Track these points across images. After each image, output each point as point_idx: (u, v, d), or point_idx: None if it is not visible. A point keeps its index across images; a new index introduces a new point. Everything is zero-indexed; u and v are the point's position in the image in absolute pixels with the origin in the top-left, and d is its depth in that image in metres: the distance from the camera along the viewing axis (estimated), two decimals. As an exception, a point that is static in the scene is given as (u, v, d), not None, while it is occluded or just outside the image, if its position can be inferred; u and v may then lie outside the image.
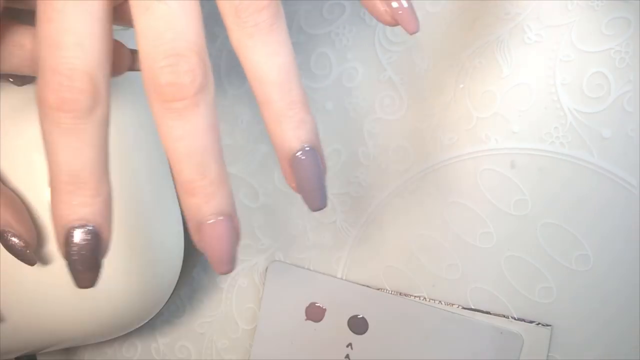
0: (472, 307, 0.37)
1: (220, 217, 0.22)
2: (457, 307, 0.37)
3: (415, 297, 0.37)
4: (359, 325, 0.38)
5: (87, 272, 0.22)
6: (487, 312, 0.36)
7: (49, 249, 0.29)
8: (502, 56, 0.35)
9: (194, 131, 0.21)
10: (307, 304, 0.38)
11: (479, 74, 0.36)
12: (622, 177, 0.34)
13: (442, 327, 0.36)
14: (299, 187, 0.23)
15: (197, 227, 0.22)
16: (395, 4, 0.24)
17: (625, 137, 0.34)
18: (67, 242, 0.21)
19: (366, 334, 0.37)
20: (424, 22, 0.36)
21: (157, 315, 0.34)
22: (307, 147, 0.22)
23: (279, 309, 0.38)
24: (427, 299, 0.37)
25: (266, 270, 0.39)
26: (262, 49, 0.22)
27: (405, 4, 0.24)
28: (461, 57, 0.36)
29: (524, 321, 0.36)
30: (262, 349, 0.39)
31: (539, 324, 0.36)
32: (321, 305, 0.38)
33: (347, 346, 0.38)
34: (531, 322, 0.36)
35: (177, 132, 0.21)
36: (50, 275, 0.29)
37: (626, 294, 0.35)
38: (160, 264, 0.31)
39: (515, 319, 0.36)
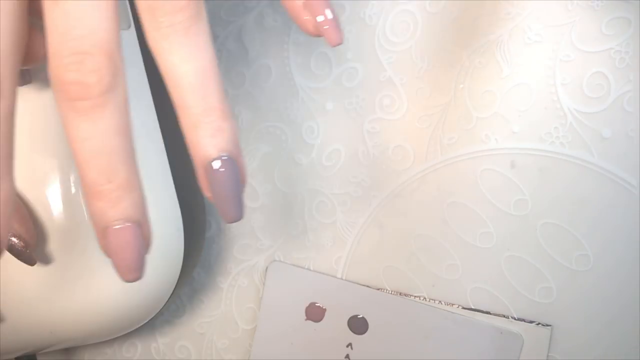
0: (472, 307, 0.37)
1: (127, 223, 0.21)
2: (457, 307, 0.37)
3: (415, 297, 0.37)
4: (359, 325, 0.38)
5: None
6: (487, 312, 0.36)
7: (49, 249, 0.29)
8: (502, 56, 0.35)
9: (100, 132, 0.20)
10: (307, 304, 0.38)
11: (479, 74, 0.36)
12: (622, 177, 0.34)
13: (442, 327, 0.36)
14: (214, 196, 0.22)
15: (102, 232, 0.21)
16: (320, 18, 0.23)
17: (625, 137, 0.34)
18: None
19: (366, 334, 0.37)
20: (424, 22, 0.36)
21: (157, 315, 0.34)
22: (225, 157, 0.22)
23: (279, 309, 0.38)
24: (427, 299, 0.37)
25: (266, 270, 0.39)
26: (178, 52, 0.21)
27: (330, 15, 0.23)
28: (461, 57, 0.36)
29: (524, 321, 0.36)
30: (262, 349, 0.39)
31: (539, 324, 0.36)
32: (321, 305, 0.38)
33: (347, 346, 0.38)
34: (531, 322, 0.36)
35: (83, 133, 0.20)
36: (50, 275, 0.29)
37: (626, 294, 0.35)
38: (160, 264, 0.31)
39: (515, 319, 0.36)
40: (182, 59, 0.21)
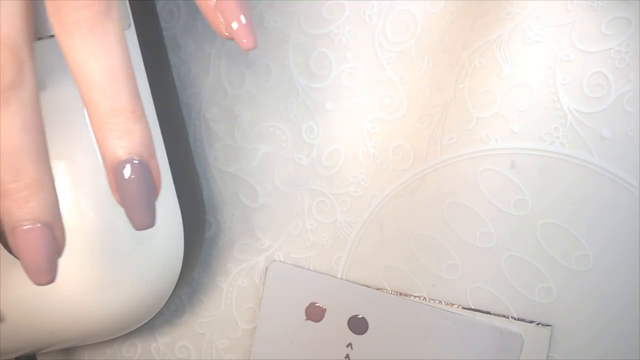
0: (472, 307, 0.37)
1: (37, 224, 0.20)
2: (457, 307, 0.37)
3: (415, 297, 0.37)
4: (359, 325, 0.38)
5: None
6: (487, 312, 0.36)
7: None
8: (502, 56, 0.35)
9: (4, 130, 0.19)
10: (307, 304, 0.38)
11: (479, 74, 0.36)
12: (622, 177, 0.34)
13: (442, 327, 0.36)
14: (122, 201, 0.22)
15: (11, 232, 0.20)
16: (235, 25, 0.23)
17: (625, 137, 0.34)
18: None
19: (366, 334, 0.37)
20: (424, 22, 0.36)
21: (157, 315, 0.34)
22: (136, 161, 0.21)
23: (279, 309, 0.38)
24: (427, 299, 0.37)
25: (266, 270, 0.39)
26: (83, 49, 0.20)
27: (243, 20, 0.23)
28: (461, 57, 0.36)
29: (524, 321, 0.36)
30: (262, 349, 0.39)
31: (539, 324, 0.36)
32: (321, 305, 0.38)
33: (347, 346, 0.38)
34: (531, 322, 0.36)
35: None
36: (50, 275, 0.29)
37: (626, 294, 0.35)
38: (160, 264, 0.31)
39: (515, 319, 0.36)
40: (88, 56, 0.20)
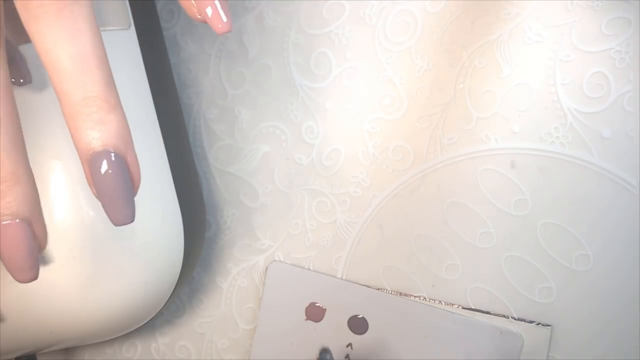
0: (472, 307, 0.37)
1: (16, 220, 0.20)
2: (457, 307, 0.37)
3: (415, 297, 0.37)
4: (359, 325, 0.38)
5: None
6: (487, 312, 0.36)
7: (49, 249, 0.29)
8: (502, 56, 0.35)
9: None
10: (307, 304, 0.38)
11: (479, 74, 0.36)
12: (622, 177, 0.34)
13: (442, 327, 0.36)
14: (99, 194, 0.21)
15: None
16: (209, 10, 0.22)
17: (625, 137, 0.34)
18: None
19: (366, 334, 0.37)
20: (424, 22, 0.36)
21: (157, 315, 0.34)
22: (112, 153, 0.20)
23: (279, 309, 0.38)
24: (427, 299, 0.37)
25: (266, 270, 0.39)
26: (50, 35, 0.19)
27: (218, 5, 0.22)
28: (461, 57, 0.36)
29: (524, 321, 0.36)
30: (262, 349, 0.39)
31: (539, 324, 0.36)
32: (321, 305, 0.38)
33: (347, 346, 0.38)
34: (531, 322, 0.36)
35: None
36: (50, 275, 0.29)
37: (626, 294, 0.35)
38: (160, 264, 0.31)
39: (515, 319, 0.36)
40: (56, 42, 0.19)
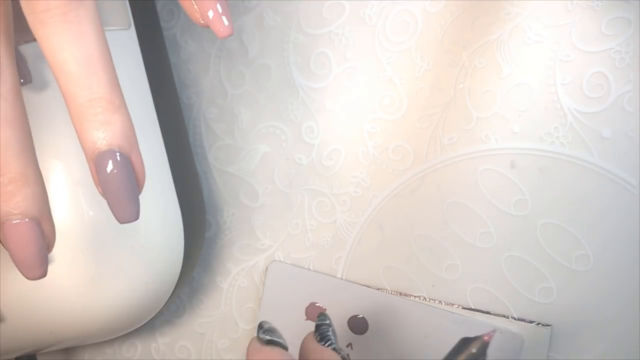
0: (472, 307, 0.37)
1: (25, 219, 0.20)
2: (457, 307, 0.37)
3: (415, 297, 0.37)
4: (359, 325, 0.38)
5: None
6: (487, 312, 0.36)
7: (49, 249, 0.29)
8: (502, 56, 0.35)
9: None
10: (307, 304, 0.38)
11: (479, 74, 0.36)
12: (622, 177, 0.34)
13: (442, 327, 0.36)
14: (105, 193, 0.21)
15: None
16: (210, 13, 0.22)
17: (625, 137, 0.34)
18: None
19: (366, 334, 0.37)
20: (424, 22, 0.36)
21: (157, 315, 0.34)
22: (117, 153, 0.21)
23: (279, 309, 0.38)
24: (427, 299, 0.37)
25: (266, 270, 0.39)
26: (57, 39, 0.20)
27: (220, 9, 0.22)
28: (461, 57, 0.36)
29: (524, 321, 0.36)
30: (262, 349, 0.39)
31: (539, 324, 0.36)
32: (321, 305, 0.38)
33: (347, 346, 0.38)
34: (531, 322, 0.36)
35: None
36: (50, 275, 0.29)
37: (626, 294, 0.35)
38: (160, 264, 0.31)
39: (515, 319, 0.36)
40: (62, 46, 0.20)
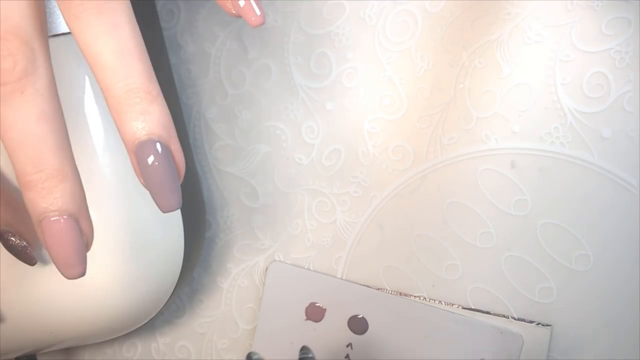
0: (472, 307, 0.37)
1: (64, 216, 0.20)
2: (457, 307, 0.37)
3: (415, 297, 0.37)
4: (359, 325, 0.38)
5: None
6: (487, 312, 0.36)
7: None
8: (502, 56, 0.35)
9: (22, 119, 0.19)
10: (307, 304, 0.38)
11: (479, 74, 0.36)
12: (622, 177, 0.34)
13: (442, 327, 0.36)
14: (147, 183, 0.21)
15: (37, 224, 0.20)
16: (242, 2, 0.22)
17: (625, 137, 0.34)
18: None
19: (366, 334, 0.37)
20: (424, 22, 0.36)
21: (157, 315, 0.34)
22: (157, 143, 0.20)
23: (279, 309, 0.38)
24: (427, 299, 0.37)
25: (266, 270, 0.39)
26: (92, 31, 0.20)
27: None
28: (461, 57, 0.36)
29: (524, 321, 0.36)
30: (262, 349, 0.39)
31: (539, 324, 0.36)
32: (321, 305, 0.38)
33: (347, 346, 0.38)
34: (531, 322, 0.36)
35: (6, 120, 0.19)
36: (50, 275, 0.29)
37: (626, 294, 0.35)
38: (160, 264, 0.31)
39: (515, 319, 0.36)
40: (97, 38, 0.20)
